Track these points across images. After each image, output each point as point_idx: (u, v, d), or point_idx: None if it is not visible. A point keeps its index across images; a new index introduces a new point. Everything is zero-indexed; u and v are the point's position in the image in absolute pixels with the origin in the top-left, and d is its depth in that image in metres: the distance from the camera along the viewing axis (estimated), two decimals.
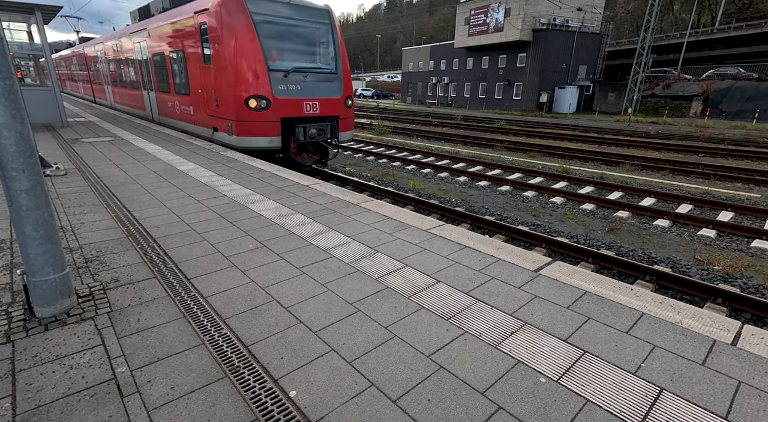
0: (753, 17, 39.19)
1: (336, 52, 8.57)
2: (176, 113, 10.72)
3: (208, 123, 8.92)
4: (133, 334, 2.29)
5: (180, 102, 10.20)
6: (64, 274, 2.42)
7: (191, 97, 9.41)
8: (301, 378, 1.98)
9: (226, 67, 7.52)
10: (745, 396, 1.89)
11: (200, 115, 9.19)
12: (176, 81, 10.04)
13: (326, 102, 8.37)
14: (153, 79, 11.50)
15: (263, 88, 7.51)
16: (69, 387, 1.89)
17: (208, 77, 8.22)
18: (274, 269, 3.11)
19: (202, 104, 8.93)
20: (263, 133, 7.80)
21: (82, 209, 4.41)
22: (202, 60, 8.30)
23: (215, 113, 8.36)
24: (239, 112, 7.57)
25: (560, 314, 2.55)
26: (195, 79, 8.91)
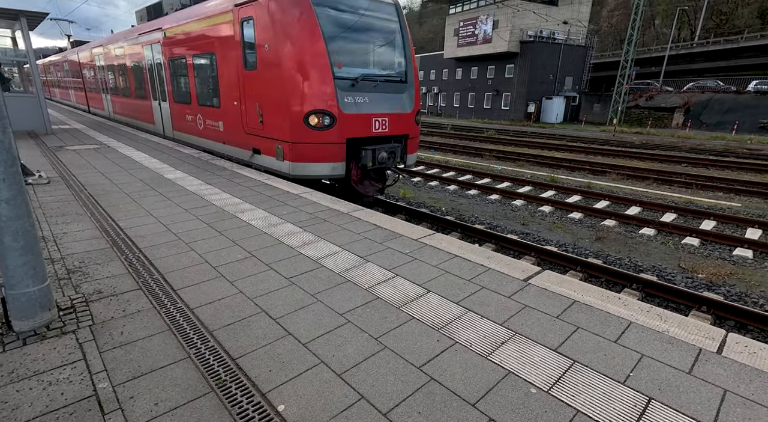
0: (730, 32, 40.75)
1: (406, 55, 6.99)
2: (197, 129, 8.98)
3: (245, 143, 7.26)
4: (116, 348, 2.22)
5: (205, 116, 8.48)
6: (44, 286, 2.35)
7: (222, 111, 7.75)
8: (290, 391, 1.94)
9: (279, 74, 5.96)
10: (730, 404, 1.91)
11: (234, 132, 7.53)
12: (200, 90, 8.39)
13: (397, 118, 6.72)
14: (167, 88, 9.83)
15: (328, 102, 5.95)
16: (47, 404, 1.82)
17: (250, 86, 6.65)
18: (262, 279, 3.07)
19: (237, 120, 7.28)
20: (324, 158, 6.20)
21: (65, 219, 4.31)
22: (241, 64, 6.70)
23: (258, 131, 6.76)
24: (296, 131, 6.01)
25: (550, 323, 2.56)
26: (229, 88, 7.28)
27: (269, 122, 6.44)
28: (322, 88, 5.93)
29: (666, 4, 47.26)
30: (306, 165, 6.28)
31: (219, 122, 7.98)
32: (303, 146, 6.15)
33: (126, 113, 13.86)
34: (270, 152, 6.68)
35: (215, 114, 8.06)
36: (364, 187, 7.06)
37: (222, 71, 7.39)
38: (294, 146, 6.17)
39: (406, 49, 7.02)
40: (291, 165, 6.30)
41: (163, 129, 11.25)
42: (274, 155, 6.58)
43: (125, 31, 12.70)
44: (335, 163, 6.31)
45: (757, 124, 25.87)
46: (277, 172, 6.68)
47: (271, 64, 6.08)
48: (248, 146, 7.24)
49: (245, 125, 7.09)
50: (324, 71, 5.88)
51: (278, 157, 6.50)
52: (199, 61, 8.22)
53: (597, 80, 41.06)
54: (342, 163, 6.35)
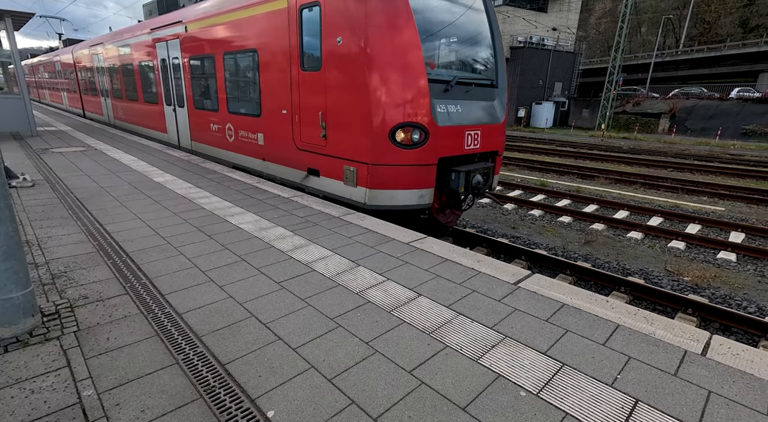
0: (713, 41, 41.86)
1: (496, 53, 5.87)
2: (225, 141, 7.69)
3: (296, 161, 5.98)
4: (102, 354, 2.18)
5: (237, 126, 7.16)
6: (27, 292, 2.30)
7: (263, 121, 6.47)
8: (280, 397, 1.92)
9: (358, 76, 4.72)
10: (715, 405, 1.95)
11: (280, 147, 6.25)
12: (232, 95, 7.15)
13: (488, 131, 5.51)
14: (186, 92, 8.57)
15: (420, 112, 4.74)
16: (29, 413, 1.78)
17: (309, 91, 5.40)
18: (253, 283, 3.04)
19: (285, 132, 5.99)
20: (411, 183, 4.96)
21: (50, 223, 4.23)
22: (296, 64, 5.47)
23: (318, 148, 5.48)
24: (377, 150, 4.78)
25: (539, 327, 2.58)
26: (275, 92, 6.02)
27: (337, 136, 5.17)
28: (415, 95, 4.69)
29: (652, 13, 48.39)
30: (388, 193, 4.96)
31: (258, 134, 6.68)
32: (386, 168, 4.85)
33: (131, 119, 12.44)
34: (334, 175, 5.36)
35: (253, 124, 6.74)
36: (446, 216, 5.80)
37: (265, 72, 6.13)
38: (374, 168, 4.86)
39: (495, 45, 5.84)
40: (368, 193, 4.98)
41: (178, 139, 9.75)
42: (341, 179, 5.28)
43: (131, 26, 11.32)
44: (424, 189, 5.01)
45: (739, 130, 26.55)
46: (345, 200, 5.34)
47: (346, 63, 4.81)
48: (300, 165, 5.94)
49: (298, 139, 5.81)
50: (418, 73, 4.67)
51: (348, 181, 5.17)
52: (232, 60, 6.89)
53: (585, 86, 41.82)
54: (431, 189, 5.09)
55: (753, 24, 42.47)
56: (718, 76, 36.62)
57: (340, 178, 5.31)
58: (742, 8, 43.53)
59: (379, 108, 4.67)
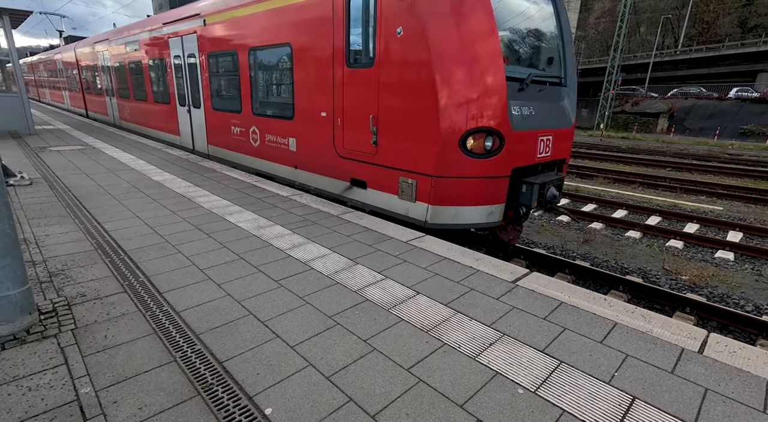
0: (711, 41, 41.94)
1: (566, 48, 5.25)
2: (249, 146, 7.05)
3: (338, 170, 5.35)
4: (99, 352, 2.18)
5: (264, 129, 6.54)
6: (25, 289, 2.29)
7: (296, 124, 5.83)
8: (278, 394, 1.92)
9: (423, 72, 4.08)
10: (711, 402, 1.96)
11: (317, 154, 5.62)
12: (259, 95, 6.54)
13: (559, 136, 4.98)
14: (204, 92, 7.96)
15: (495, 115, 4.14)
16: (26, 410, 1.78)
17: (357, 90, 4.75)
18: (251, 282, 3.04)
19: (324, 137, 5.37)
20: (481, 198, 4.37)
21: (48, 221, 4.22)
22: (341, 59, 4.85)
23: (367, 156, 4.86)
24: (445, 159, 4.17)
25: (537, 325, 2.59)
26: (312, 92, 5.40)
27: (391, 143, 4.53)
28: (491, 95, 4.07)
29: (651, 12, 48.45)
30: (453, 210, 4.35)
31: (289, 139, 6.02)
32: (453, 181, 4.24)
33: (138, 120, 11.79)
34: (386, 187, 4.75)
35: (283, 128, 6.10)
36: (508, 233, 5.25)
37: (301, 70, 5.50)
38: (439, 181, 4.24)
39: (564, 37, 5.22)
40: (431, 210, 4.36)
41: (192, 142, 9.05)
42: (395, 192, 4.65)
43: (139, 22, 10.74)
44: (494, 205, 4.39)
45: (737, 130, 26.62)
46: (399, 217, 4.70)
47: (408, 58, 4.16)
48: (342, 175, 5.31)
49: (340, 146, 5.18)
50: (496, 69, 4.05)
51: (404, 195, 4.55)
52: (259, 57, 6.23)
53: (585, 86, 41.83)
54: (502, 205, 4.49)
55: (751, 24, 42.57)
56: (716, 76, 36.70)
57: (394, 191, 4.66)
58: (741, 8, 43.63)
59: (449, 111, 4.02)
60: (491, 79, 4.06)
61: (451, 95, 4.02)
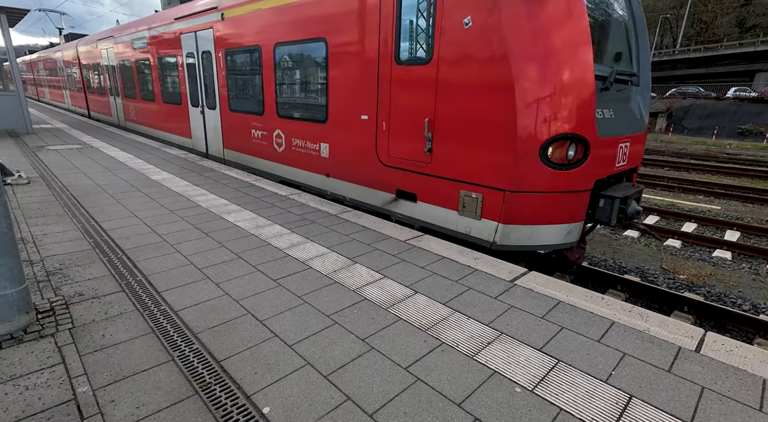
0: (709, 41, 42.04)
1: (640, 42, 4.69)
2: (272, 151, 6.56)
3: (381, 180, 4.80)
4: (97, 351, 2.18)
5: (290, 133, 6.02)
6: (22, 288, 2.29)
7: (330, 128, 5.29)
8: (275, 393, 1.92)
9: (495, 70, 3.54)
10: (708, 401, 1.96)
11: (355, 161, 5.10)
12: (286, 95, 6.02)
13: (635, 141, 4.44)
14: (220, 92, 7.45)
15: (582, 119, 3.61)
16: (23, 409, 1.77)
17: (409, 91, 4.19)
18: (249, 281, 3.04)
19: (365, 143, 4.84)
20: (560, 216, 3.86)
21: (46, 220, 4.20)
22: (390, 55, 4.29)
23: (418, 165, 4.32)
24: (524, 170, 3.63)
25: (535, 323, 2.59)
26: (353, 92, 4.84)
27: (452, 151, 3.99)
28: (578, 96, 3.53)
29: (649, 12, 48.51)
30: (527, 230, 3.82)
31: (320, 144, 5.50)
32: (530, 197, 3.70)
33: (146, 122, 11.22)
34: (442, 201, 4.23)
35: (314, 132, 5.56)
36: (573, 252, 4.75)
37: (337, 67, 4.95)
38: (514, 197, 3.70)
39: (638, 29, 4.63)
40: (501, 229, 3.82)
41: (205, 146, 8.50)
42: (453, 207, 4.14)
43: (147, 17, 10.15)
44: (573, 224, 3.87)
45: (735, 129, 26.70)
46: (458, 235, 4.21)
47: (477, 52, 3.61)
48: (385, 186, 4.76)
49: (384, 153, 4.62)
50: (585, 65, 3.51)
51: (466, 211, 4.02)
52: (287, 53, 5.73)
53: None
54: (581, 223, 3.98)
55: (750, 24, 42.69)
56: (714, 76, 36.80)
57: (452, 206, 4.14)
58: (739, 8, 43.74)
59: (529, 114, 3.46)
60: (579, 77, 3.49)
61: (532, 95, 3.44)
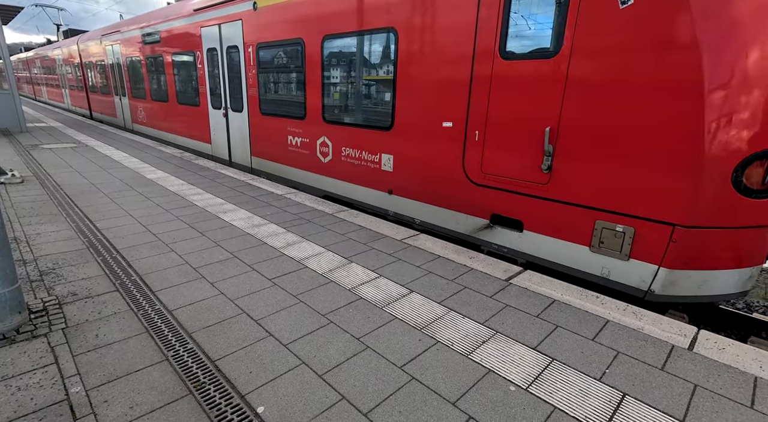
0: None
1: None
2: (316, 162, 5.68)
3: (469, 201, 4.00)
4: (90, 351, 2.16)
5: (342, 141, 5.18)
6: (14, 288, 2.27)
7: (397, 135, 4.48)
8: (270, 392, 1.92)
9: (669, 63, 2.71)
10: (700, 398, 1.98)
11: (431, 177, 4.27)
12: (336, 97, 5.26)
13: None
14: (249, 93, 6.63)
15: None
16: (15, 410, 1.76)
17: (520, 92, 3.42)
18: (244, 280, 3.03)
19: (447, 155, 4.04)
20: (745, 257, 3.10)
21: (39, 219, 4.17)
22: (492, 46, 3.48)
23: (532, 186, 3.52)
24: (708, 198, 2.81)
25: (530, 322, 2.60)
26: (432, 94, 4.02)
27: (582, 170, 3.21)
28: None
29: None
30: (699, 276, 3.06)
31: (382, 155, 4.70)
32: (713, 234, 2.92)
33: (157, 124, 10.38)
34: (564, 233, 3.43)
35: (374, 140, 4.74)
36: None
37: (411, 63, 4.11)
38: (690, 234, 2.90)
39: None
40: (665, 275, 3.04)
41: (229, 153, 7.65)
42: (584, 242, 3.36)
43: (160, 9, 9.41)
44: (755, 267, 3.15)
45: None
46: (591, 277, 3.41)
47: (640, 40, 2.78)
48: (475, 208, 3.97)
49: (474, 168, 3.84)
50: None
51: (605, 248, 3.25)
52: (340, 47, 4.91)
53: None
54: (761, 265, 3.24)
55: None
56: None
57: (580, 239, 3.36)
58: None
59: (725, 123, 2.63)
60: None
61: (731, 99, 2.59)
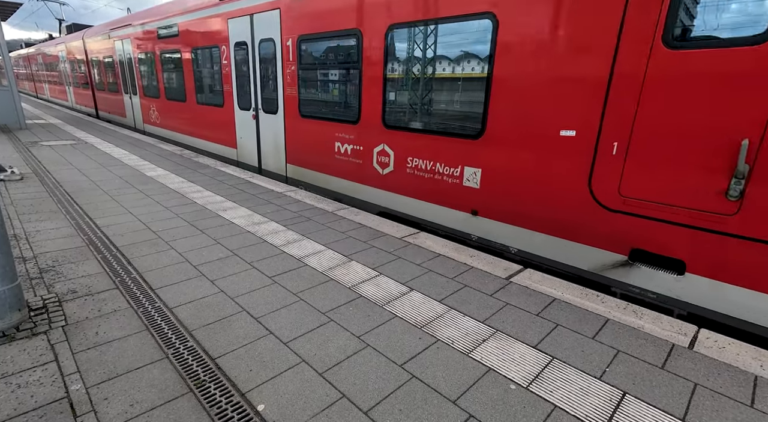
0: None
1: None
2: (372, 173, 4.95)
3: (595, 229, 3.26)
4: (90, 349, 2.16)
5: (407, 150, 4.47)
6: (14, 286, 2.26)
7: (486, 145, 3.78)
8: (270, 391, 1.92)
9: None
10: (700, 397, 1.98)
11: (538, 197, 3.53)
12: (398, 98, 4.61)
13: None
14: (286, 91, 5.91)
15: None
16: (15, 407, 1.76)
17: (692, 93, 2.63)
18: (244, 278, 3.03)
19: (560, 171, 3.35)
20: None
21: (39, 216, 4.17)
22: (648, 31, 2.74)
23: (708, 218, 2.71)
24: None
25: (530, 321, 2.60)
26: (542, 95, 3.34)
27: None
28: None
29: None
30: None
31: (465, 169, 3.97)
32: None
33: (172, 125, 9.68)
34: (760, 283, 2.68)
35: (455, 150, 4.01)
36: None
37: (516, 56, 3.42)
38: None
39: None
40: None
41: (258, 159, 6.95)
42: None
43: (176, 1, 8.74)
44: None
45: None
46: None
47: None
48: (607, 240, 3.22)
49: (608, 188, 3.09)
50: None
51: None
52: (410, 38, 4.23)
53: None
54: None
55: None
56: None
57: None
58: None
59: None
60: None
61: None
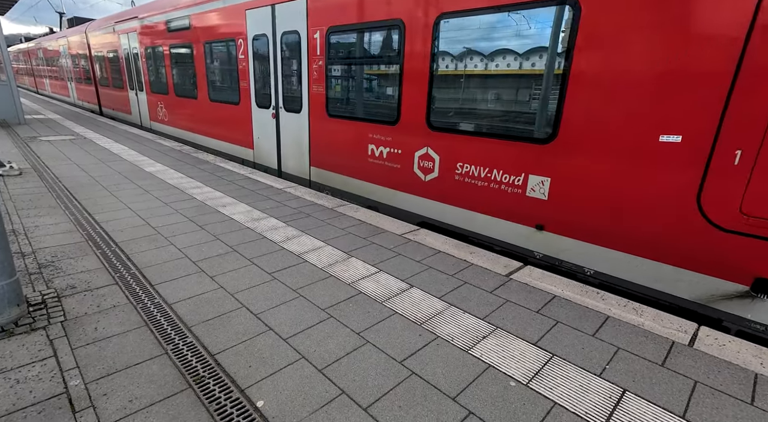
0: None
1: None
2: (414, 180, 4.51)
3: (706, 254, 2.76)
4: (89, 344, 2.16)
5: (456, 155, 4.03)
6: (12, 281, 2.25)
7: (558, 151, 3.31)
8: (270, 387, 1.91)
9: None
10: (700, 395, 1.98)
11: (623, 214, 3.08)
12: (445, 96, 4.18)
13: None
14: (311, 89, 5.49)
15: None
16: (13, 403, 1.75)
17: None
18: (244, 274, 3.02)
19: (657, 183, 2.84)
20: None
21: (38, 212, 4.15)
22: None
23: None
24: None
25: (530, 318, 2.60)
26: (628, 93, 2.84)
27: None
28: None
29: None
30: None
31: (530, 177, 3.54)
32: None
33: (183, 124, 9.18)
34: None
35: (518, 156, 3.58)
36: None
37: (595, 48, 2.98)
38: None
39: None
40: None
41: (278, 161, 6.49)
42: None
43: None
44: None
45: None
46: None
47: None
48: (720, 267, 2.79)
49: (730, 206, 2.65)
50: None
51: None
52: (462, 29, 3.77)
53: None
54: None
55: None
56: None
57: None
58: None
59: None
60: None
61: None
